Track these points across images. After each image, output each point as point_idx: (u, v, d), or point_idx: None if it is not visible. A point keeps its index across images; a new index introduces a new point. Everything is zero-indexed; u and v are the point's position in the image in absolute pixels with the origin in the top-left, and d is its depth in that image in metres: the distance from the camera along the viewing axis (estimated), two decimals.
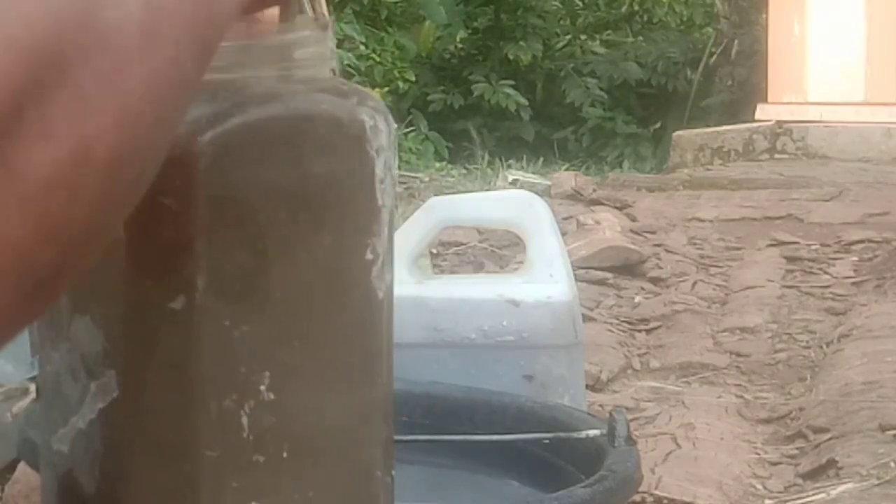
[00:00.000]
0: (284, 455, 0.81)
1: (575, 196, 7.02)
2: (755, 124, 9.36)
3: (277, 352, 0.81)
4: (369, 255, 0.82)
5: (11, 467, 2.52)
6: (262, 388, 0.80)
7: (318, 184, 0.80)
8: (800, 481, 3.15)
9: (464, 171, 9.03)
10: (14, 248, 0.45)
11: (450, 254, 5.60)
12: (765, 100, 9.55)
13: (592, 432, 1.50)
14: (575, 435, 1.52)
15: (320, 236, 0.81)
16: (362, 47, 9.97)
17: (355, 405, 0.85)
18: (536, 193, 2.00)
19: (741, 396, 3.85)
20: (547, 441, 1.56)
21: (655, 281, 5.26)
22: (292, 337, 0.81)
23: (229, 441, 0.80)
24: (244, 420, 0.80)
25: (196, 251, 0.77)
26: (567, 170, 8.91)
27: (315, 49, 0.81)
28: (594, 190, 7.23)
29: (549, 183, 7.42)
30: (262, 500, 0.82)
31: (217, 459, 0.80)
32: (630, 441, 1.46)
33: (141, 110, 0.47)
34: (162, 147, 0.50)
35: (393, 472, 0.88)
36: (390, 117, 0.84)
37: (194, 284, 0.77)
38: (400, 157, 8.86)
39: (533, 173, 8.35)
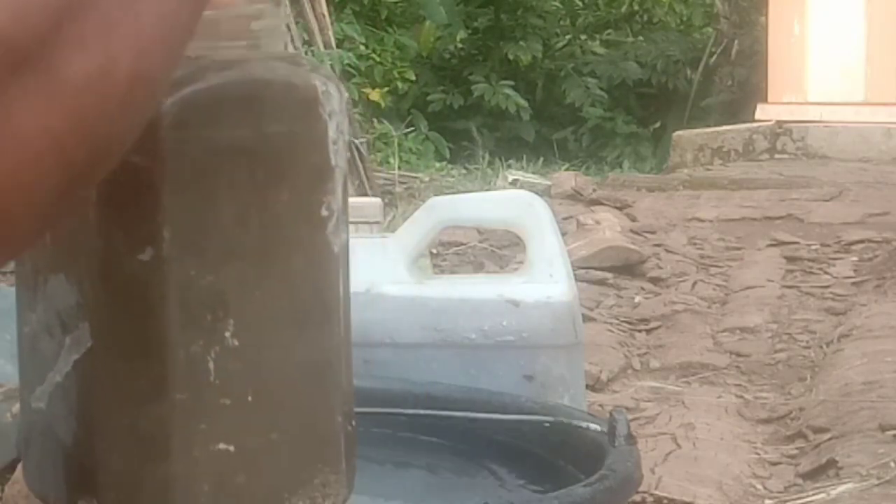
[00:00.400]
0: (249, 399, 0.87)
1: (575, 196, 7.03)
2: (755, 124, 9.36)
3: (240, 300, 0.86)
4: (324, 212, 0.89)
5: (11, 467, 2.52)
6: (227, 334, 0.86)
7: (275, 144, 0.86)
8: (800, 481, 3.15)
9: (464, 171, 9.03)
10: (57, 145, 0.54)
11: (450, 254, 5.60)
12: (765, 100, 9.55)
13: (593, 426, 1.50)
14: (575, 423, 1.52)
15: (278, 193, 0.87)
16: (362, 47, 9.96)
17: (314, 353, 0.90)
18: (536, 193, 2.00)
19: (741, 396, 3.85)
20: (548, 424, 1.56)
21: (655, 281, 5.26)
22: (254, 287, 0.86)
23: (197, 385, 0.85)
24: (210, 365, 0.85)
25: (162, 205, 0.83)
26: (567, 170, 8.91)
27: (270, 21, 0.89)
28: (594, 190, 7.23)
29: (549, 183, 7.42)
30: (229, 441, 0.87)
31: (186, 402, 0.85)
32: (630, 441, 1.46)
33: (152, 42, 0.57)
34: (165, 79, 0.59)
35: (353, 422, 0.92)
36: (342, 86, 0.90)
37: (161, 236, 0.83)
38: (400, 157, 8.86)
39: (533, 173, 8.36)
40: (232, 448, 0.87)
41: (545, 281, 1.81)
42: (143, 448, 0.87)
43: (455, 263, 5.48)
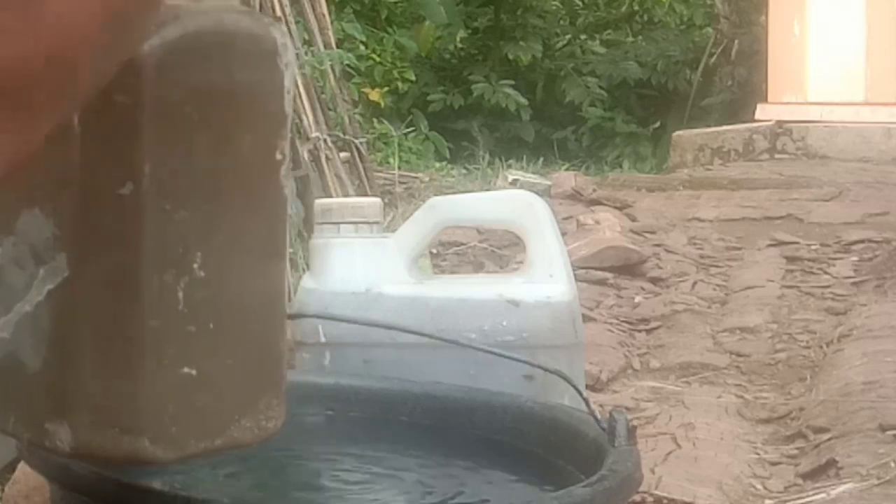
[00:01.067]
0: (210, 326, 0.93)
1: (575, 196, 7.02)
2: (755, 124, 9.36)
3: (207, 235, 0.92)
4: (279, 156, 0.95)
5: (11, 467, 2.52)
6: (195, 266, 0.91)
7: (243, 90, 0.92)
8: (800, 481, 3.15)
9: (464, 171, 9.03)
10: None
11: (450, 254, 5.60)
12: (765, 100, 9.54)
13: (594, 412, 1.50)
14: (578, 394, 1.53)
15: (243, 135, 0.93)
16: (362, 47, 9.95)
17: (266, 285, 0.97)
18: (536, 193, 1.99)
19: (741, 396, 3.85)
20: (549, 371, 1.56)
21: (655, 281, 5.26)
22: (220, 222, 0.92)
23: (168, 312, 0.91)
24: (180, 294, 0.91)
25: (144, 142, 0.88)
26: (567, 170, 8.91)
27: None
28: (594, 190, 7.23)
29: (549, 183, 7.42)
30: (192, 365, 0.93)
31: (158, 328, 0.91)
32: (630, 441, 1.46)
33: None
34: None
35: (292, 356, 0.99)
36: (292, 40, 0.96)
37: (141, 172, 0.88)
38: (400, 157, 8.86)
39: (533, 173, 8.35)
40: (194, 372, 0.92)
41: (545, 281, 1.81)
42: (116, 371, 0.91)
43: (455, 263, 5.48)
